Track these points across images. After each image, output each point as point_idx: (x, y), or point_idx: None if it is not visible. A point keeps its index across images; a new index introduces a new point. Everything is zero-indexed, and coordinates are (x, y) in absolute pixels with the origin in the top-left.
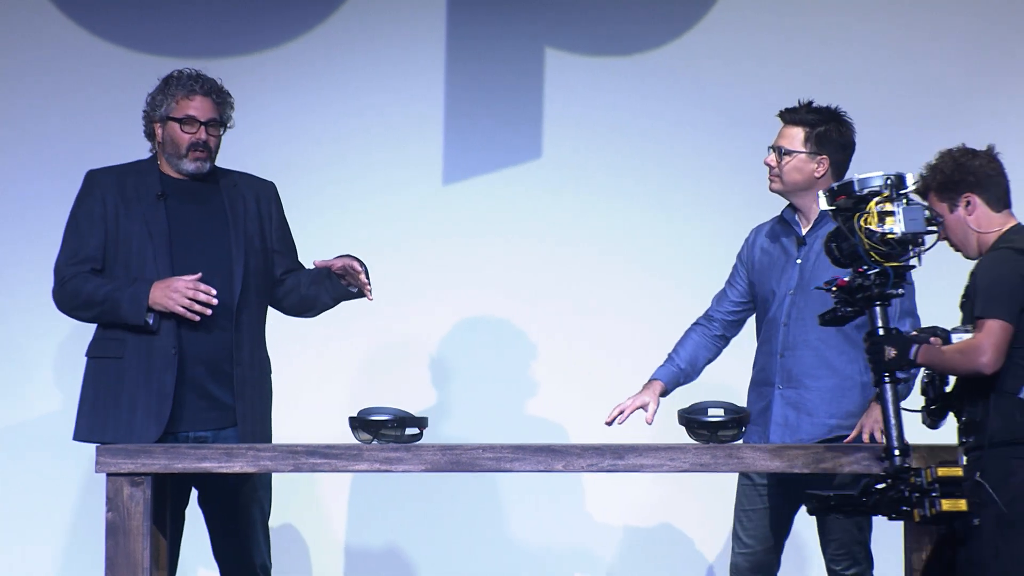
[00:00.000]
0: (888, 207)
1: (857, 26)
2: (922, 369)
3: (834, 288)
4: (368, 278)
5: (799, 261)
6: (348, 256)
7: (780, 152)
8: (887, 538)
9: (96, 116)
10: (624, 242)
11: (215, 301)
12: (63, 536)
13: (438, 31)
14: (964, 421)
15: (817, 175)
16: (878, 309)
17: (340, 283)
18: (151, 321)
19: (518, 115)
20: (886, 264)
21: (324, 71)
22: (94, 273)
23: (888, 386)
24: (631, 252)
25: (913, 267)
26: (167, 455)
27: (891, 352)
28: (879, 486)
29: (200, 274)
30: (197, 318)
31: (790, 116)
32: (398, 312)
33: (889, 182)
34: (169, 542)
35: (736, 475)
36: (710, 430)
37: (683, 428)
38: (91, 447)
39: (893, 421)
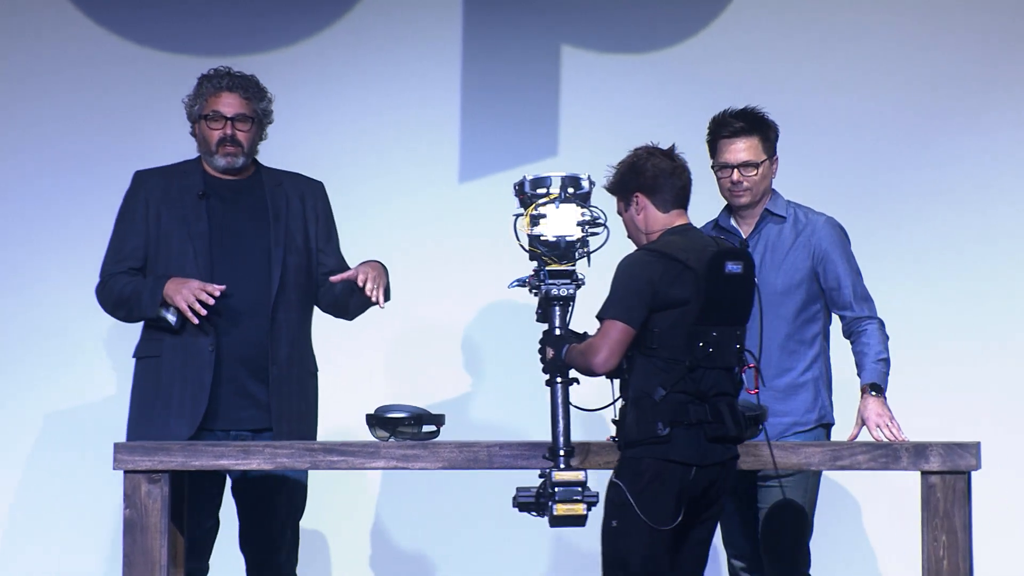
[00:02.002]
0: (543, 209)
1: (870, 23)
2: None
3: (526, 286)
4: (385, 281)
5: None
6: (363, 265)
7: (753, 166)
8: (896, 533)
9: (111, 113)
10: None
11: (212, 301)
12: (87, 535)
13: (454, 28)
14: (616, 422)
15: (774, 177)
16: (556, 309)
17: (363, 295)
18: (169, 316)
19: (534, 113)
20: (548, 265)
21: (339, 69)
22: (131, 272)
23: (559, 386)
24: None
25: (571, 270)
26: (184, 452)
27: (550, 353)
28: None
29: (225, 287)
30: (196, 320)
31: (743, 128)
32: (414, 310)
33: (562, 182)
34: (202, 537)
35: None
36: None
37: None
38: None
39: (561, 422)
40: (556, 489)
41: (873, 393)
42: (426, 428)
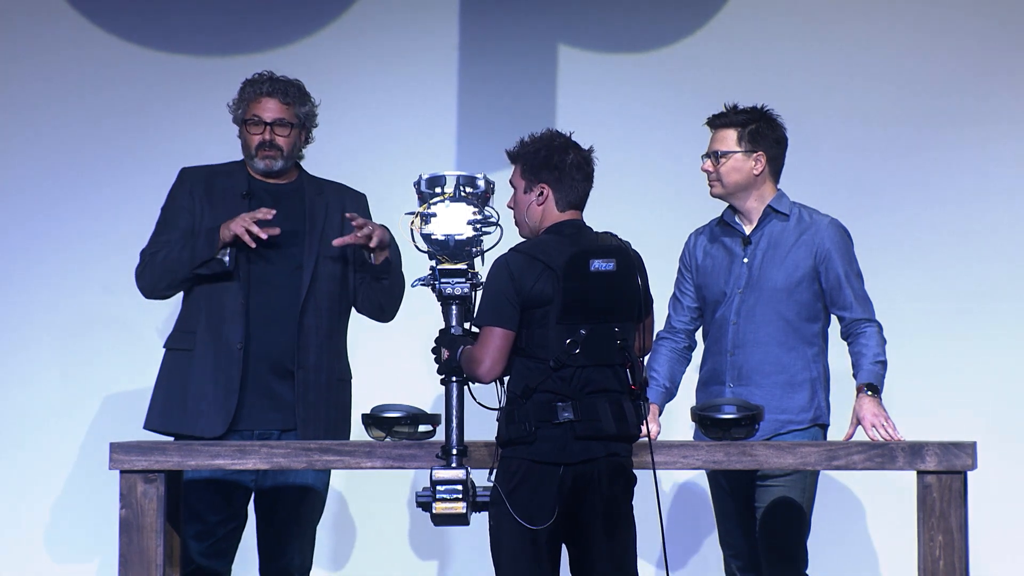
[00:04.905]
0: (434, 208)
1: (869, 24)
2: None
3: (428, 285)
4: (388, 236)
5: (746, 260)
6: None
7: (716, 156)
8: (896, 532)
9: (111, 113)
10: (639, 240)
11: (269, 216)
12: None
13: (451, 28)
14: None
15: (756, 172)
16: (452, 308)
17: (369, 260)
18: (226, 258)
19: (531, 112)
20: (442, 264)
21: (336, 69)
22: None
23: (454, 386)
24: (646, 250)
25: (464, 269)
26: (180, 452)
27: (445, 354)
28: None
29: (278, 231)
30: (253, 244)
31: (720, 120)
32: (411, 309)
33: (457, 181)
34: (226, 540)
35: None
36: (723, 427)
37: (695, 425)
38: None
39: (455, 421)
40: (436, 488)
41: (869, 393)
42: (422, 428)
